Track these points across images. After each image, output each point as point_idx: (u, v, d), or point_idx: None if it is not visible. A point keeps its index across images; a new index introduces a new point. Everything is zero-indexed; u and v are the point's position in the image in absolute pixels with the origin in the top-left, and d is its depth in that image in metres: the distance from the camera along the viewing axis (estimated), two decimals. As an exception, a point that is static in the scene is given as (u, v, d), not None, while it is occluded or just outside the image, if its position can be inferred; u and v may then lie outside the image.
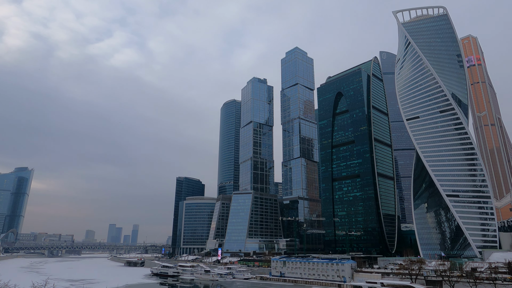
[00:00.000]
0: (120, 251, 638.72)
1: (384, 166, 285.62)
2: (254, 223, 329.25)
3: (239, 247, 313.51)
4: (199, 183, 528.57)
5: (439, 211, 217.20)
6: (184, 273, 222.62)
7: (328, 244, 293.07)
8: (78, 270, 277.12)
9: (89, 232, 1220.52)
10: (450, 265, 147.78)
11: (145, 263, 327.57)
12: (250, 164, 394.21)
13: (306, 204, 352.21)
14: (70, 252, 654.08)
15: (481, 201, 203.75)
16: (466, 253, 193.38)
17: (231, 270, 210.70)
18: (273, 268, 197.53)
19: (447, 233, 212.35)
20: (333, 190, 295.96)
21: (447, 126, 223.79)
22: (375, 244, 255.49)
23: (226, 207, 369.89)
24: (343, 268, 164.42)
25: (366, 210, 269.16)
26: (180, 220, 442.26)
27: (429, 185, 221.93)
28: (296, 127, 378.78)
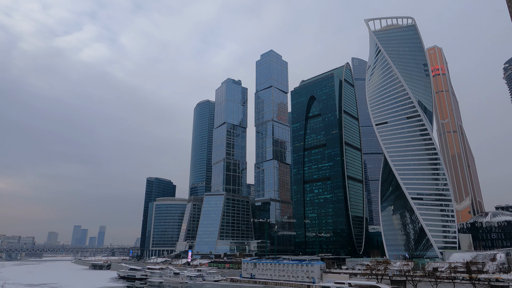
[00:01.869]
0: (85, 253, 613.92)
1: (353, 169, 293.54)
2: (226, 225, 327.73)
3: (210, 249, 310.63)
4: (170, 184, 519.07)
5: (404, 213, 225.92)
6: (152, 275, 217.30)
7: (299, 245, 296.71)
8: (39, 274, 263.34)
9: (51, 234, 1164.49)
10: (413, 265, 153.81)
11: (112, 266, 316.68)
12: (223, 166, 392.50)
13: (278, 206, 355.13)
14: (31, 255, 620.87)
15: (443, 204, 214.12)
16: (429, 254, 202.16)
17: (201, 272, 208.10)
18: (244, 270, 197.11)
19: (411, 235, 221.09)
20: (305, 192, 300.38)
21: (413, 132, 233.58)
22: (344, 246, 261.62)
23: (198, 208, 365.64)
24: (312, 269, 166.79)
25: (335, 212, 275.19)
26: (149, 221, 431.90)
27: (396, 188, 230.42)
28: (269, 129, 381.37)
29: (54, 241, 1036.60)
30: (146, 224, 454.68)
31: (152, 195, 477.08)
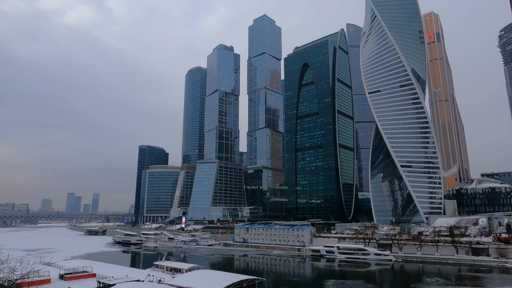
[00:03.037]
0: (80, 220, 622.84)
1: (345, 137, 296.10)
2: (219, 192, 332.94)
3: (203, 215, 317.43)
4: (163, 152, 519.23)
5: (393, 180, 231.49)
6: (147, 241, 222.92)
7: (290, 211, 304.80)
8: (35, 239, 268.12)
9: (45, 201, 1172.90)
10: (400, 230, 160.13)
11: (107, 231, 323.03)
12: (215, 134, 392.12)
13: (270, 174, 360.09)
14: (26, 222, 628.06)
15: (431, 172, 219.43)
16: (415, 219, 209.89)
17: (195, 237, 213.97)
18: (237, 234, 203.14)
19: (399, 201, 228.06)
20: (296, 160, 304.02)
21: (405, 100, 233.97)
22: (334, 211, 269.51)
23: (191, 176, 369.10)
24: (302, 234, 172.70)
25: (326, 180, 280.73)
26: (143, 188, 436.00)
27: (386, 156, 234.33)
28: (262, 97, 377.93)
29: (48, 208, 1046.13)
30: (139, 191, 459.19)
31: (144, 163, 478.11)
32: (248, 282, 56.85)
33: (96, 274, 71.26)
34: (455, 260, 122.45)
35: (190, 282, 54.54)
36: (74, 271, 73.72)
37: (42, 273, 66.07)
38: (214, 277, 57.61)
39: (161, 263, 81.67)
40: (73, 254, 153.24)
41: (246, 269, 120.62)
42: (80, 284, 60.54)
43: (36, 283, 58.84)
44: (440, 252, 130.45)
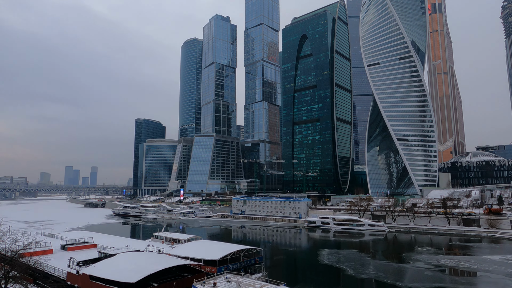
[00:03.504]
0: (79, 193, 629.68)
1: (343, 111, 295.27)
2: (216, 165, 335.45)
3: (201, 187, 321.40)
4: (160, 125, 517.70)
5: (389, 153, 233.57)
6: (146, 213, 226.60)
7: (287, 184, 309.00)
8: (35, 212, 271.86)
9: (44, 174, 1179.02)
10: (394, 202, 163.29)
11: (106, 204, 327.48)
12: (212, 107, 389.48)
13: (267, 147, 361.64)
14: (25, 195, 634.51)
15: (427, 145, 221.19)
16: (409, 191, 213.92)
17: (193, 209, 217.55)
18: (234, 206, 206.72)
19: (394, 174, 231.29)
20: (294, 134, 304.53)
21: (404, 73, 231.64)
22: (330, 184, 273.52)
23: (188, 149, 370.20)
24: (299, 206, 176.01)
25: (323, 153, 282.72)
26: (140, 162, 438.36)
27: (383, 129, 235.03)
28: (259, 69, 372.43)
29: (46, 182, 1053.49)
30: (137, 164, 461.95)
31: (142, 136, 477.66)
32: (246, 252, 58.46)
33: (97, 245, 72.95)
34: (447, 231, 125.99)
35: (189, 251, 56.04)
36: (76, 241, 75.37)
37: (44, 243, 67.47)
38: (213, 247, 59.13)
39: (160, 234, 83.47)
40: (73, 226, 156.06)
41: (243, 240, 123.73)
42: (82, 254, 62.07)
43: (38, 253, 60.21)
44: (432, 223, 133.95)
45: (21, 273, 32.92)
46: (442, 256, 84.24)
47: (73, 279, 47.70)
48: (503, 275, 65.41)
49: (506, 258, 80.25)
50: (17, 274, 32.13)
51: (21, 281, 32.31)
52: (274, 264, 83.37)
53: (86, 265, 50.47)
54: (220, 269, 50.35)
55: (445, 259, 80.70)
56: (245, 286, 35.52)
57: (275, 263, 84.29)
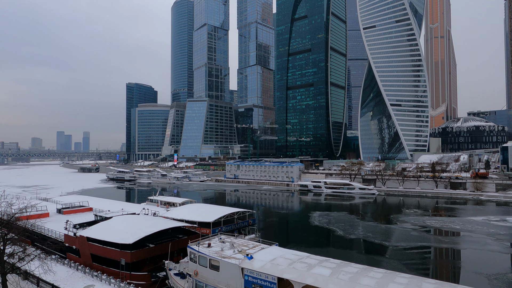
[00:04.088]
0: (72, 158, 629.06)
1: (337, 75, 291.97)
2: (209, 130, 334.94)
3: (194, 152, 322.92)
4: (151, 90, 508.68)
5: (382, 119, 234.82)
6: (140, 177, 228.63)
7: (280, 149, 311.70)
8: (29, 177, 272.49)
9: (35, 139, 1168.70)
10: (384, 166, 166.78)
11: (100, 169, 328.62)
12: (205, 71, 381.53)
13: (261, 112, 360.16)
14: (18, 160, 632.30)
15: (419, 110, 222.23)
16: (400, 156, 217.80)
17: (187, 173, 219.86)
18: (228, 171, 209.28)
19: (386, 139, 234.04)
20: (287, 99, 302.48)
21: (400, 37, 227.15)
22: (322, 149, 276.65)
23: (181, 114, 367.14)
24: (292, 170, 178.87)
25: (316, 118, 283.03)
26: (133, 127, 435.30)
27: (376, 94, 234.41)
28: (253, 32, 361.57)
29: (38, 147, 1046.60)
30: (130, 129, 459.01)
31: (133, 101, 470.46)
32: (239, 214, 60.00)
33: (92, 208, 73.99)
34: (434, 194, 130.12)
35: (184, 214, 57.29)
36: (71, 205, 76.27)
37: (40, 207, 68.19)
38: (207, 210, 60.47)
39: (155, 198, 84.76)
40: (68, 190, 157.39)
41: (237, 203, 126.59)
42: (78, 217, 63.12)
43: (34, 216, 61.04)
44: (420, 187, 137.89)
45: (19, 235, 33.48)
46: (428, 218, 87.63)
47: (70, 241, 48.84)
48: (484, 235, 68.63)
49: (489, 219, 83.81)
50: (14, 237, 32.69)
51: (20, 243, 32.94)
52: (267, 226, 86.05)
53: (83, 227, 51.49)
54: (214, 231, 51.86)
55: (431, 220, 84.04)
56: (238, 246, 36.79)
57: (267, 225, 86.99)
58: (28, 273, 33.00)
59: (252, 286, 30.40)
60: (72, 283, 36.98)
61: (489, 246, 61.07)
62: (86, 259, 45.48)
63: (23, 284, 33.83)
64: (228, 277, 31.97)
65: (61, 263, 43.92)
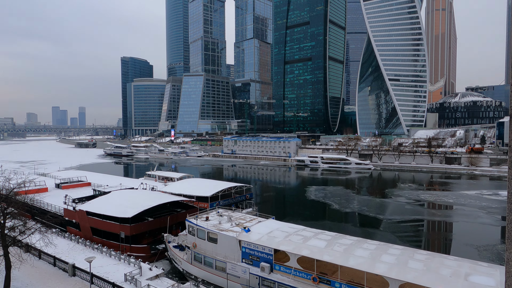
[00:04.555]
0: (68, 133, 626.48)
1: (336, 49, 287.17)
2: (206, 105, 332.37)
3: (191, 128, 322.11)
4: (147, 64, 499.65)
5: (380, 94, 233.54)
6: (138, 153, 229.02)
7: (277, 124, 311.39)
8: (26, 152, 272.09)
9: (30, 115, 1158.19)
10: (381, 141, 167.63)
11: (97, 144, 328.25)
12: (201, 44, 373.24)
13: (258, 87, 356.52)
14: (13, 135, 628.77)
15: (418, 85, 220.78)
16: (397, 131, 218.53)
17: (185, 149, 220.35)
18: (225, 146, 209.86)
19: (384, 114, 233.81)
20: (285, 73, 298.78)
21: (401, 9, 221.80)
22: (320, 124, 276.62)
23: (177, 89, 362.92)
24: (289, 146, 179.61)
25: (314, 93, 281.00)
26: (129, 102, 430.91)
27: (375, 69, 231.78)
28: (250, 4, 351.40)
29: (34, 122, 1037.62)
30: (126, 105, 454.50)
31: (128, 75, 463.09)
32: (236, 189, 60.75)
33: (91, 183, 74.58)
34: (429, 168, 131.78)
35: (182, 189, 57.94)
36: (70, 180, 76.78)
37: (38, 182, 68.62)
38: (204, 184, 61.10)
39: (153, 173, 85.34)
40: (66, 165, 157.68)
41: (234, 178, 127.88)
42: (77, 192, 63.69)
43: (33, 191, 61.48)
44: (416, 162, 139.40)
45: (18, 209, 33.81)
46: (422, 192, 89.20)
47: (70, 215, 49.52)
48: (476, 208, 70.21)
49: (481, 193, 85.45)
50: (14, 211, 33.02)
51: (20, 217, 33.34)
52: (264, 200, 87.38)
53: (82, 202, 52.09)
54: (212, 205, 52.66)
55: (425, 194, 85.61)
56: (236, 219, 37.50)
57: (264, 199, 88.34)
58: (29, 246, 33.71)
59: (249, 257, 31.24)
60: (73, 255, 37.83)
61: (481, 219, 62.64)
62: (86, 232, 46.32)
63: (25, 256, 34.55)
64: (226, 249, 32.78)
65: (62, 236, 44.74)
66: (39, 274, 34.16)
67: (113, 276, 32.16)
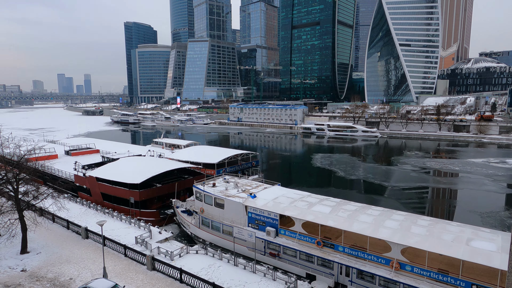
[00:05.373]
0: (75, 101, 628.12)
1: (345, 13, 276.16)
2: (212, 72, 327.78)
3: (197, 95, 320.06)
4: (151, 29, 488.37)
5: (390, 60, 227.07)
6: (144, 120, 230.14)
7: (284, 91, 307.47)
8: (34, 120, 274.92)
9: (37, 82, 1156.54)
10: (389, 109, 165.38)
11: (104, 112, 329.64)
12: (206, 8, 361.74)
13: (264, 53, 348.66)
14: (21, 103, 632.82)
15: (429, 51, 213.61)
16: (405, 98, 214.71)
17: (191, 116, 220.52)
18: (231, 114, 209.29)
19: (393, 81, 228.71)
20: (292, 39, 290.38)
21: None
22: (327, 91, 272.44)
23: (182, 55, 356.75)
24: (295, 113, 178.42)
25: (322, 59, 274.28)
26: (134, 69, 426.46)
27: (386, 34, 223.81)
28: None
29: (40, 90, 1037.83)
30: (131, 72, 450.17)
31: (132, 41, 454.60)
32: (243, 156, 61.24)
33: (99, 150, 75.71)
34: (437, 136, 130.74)
35: (189, 156, 58.57)
36: (79, 147, 77.99)
37: (48, 149, 69.87)
38: (211, 152, 61.62)
39: (160, 140, 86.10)
40: (74, 133, 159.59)
41: (240, 145, 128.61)
42: (86, 159, 64.81)
43: (43, 158, 62.82)
44: (424, 129, 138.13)
45: (30, 175, 34.73)
46: (428, 160, 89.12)
47: (81, 180, 50.77)
48: (482, 176, 70.27)
49: (488, 161, 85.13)
50: (26, 176, 33.93)
51: (32, 183, 34.33)
52: (270, 167, 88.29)
53: (91, 168, 53.15)
54: (218, 172, 53.41)
55: (431, 162, 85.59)
56: (242, 186, 38.14)
57: (270, 166, 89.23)
58: (43, 210, 34.93)
59: (255, 222, 32.08)
60: (85, 219, 39.23)
61: (486, 187, 62.87)
62: (97, 197, 47.69)
63: (40, 220, 35.96)
64: (232, 214, 33.64)
65: (74, 201, 46.18)
66: (54, 236, 35.67)
67: (124, 239, 33.47)
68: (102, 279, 24.67)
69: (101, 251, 30.79)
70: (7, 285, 26.27)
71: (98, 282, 23.77)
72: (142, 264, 29.43)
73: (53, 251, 32.18)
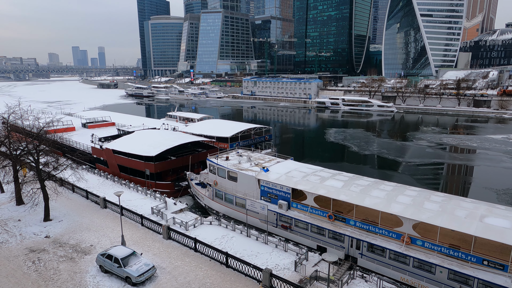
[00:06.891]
0: (90, 74, 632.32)
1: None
2: (225, 44, 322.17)
3: (211, 68, 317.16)
4: (163, 0, 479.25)
5: (410, 31, 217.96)
6: (158, 93, 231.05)
7: (298, 65, 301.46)
8: (52, 92, 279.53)
9: (52, 55, 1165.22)
10: (407, 83, 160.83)
11: (119, 85, 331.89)
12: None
13: (279, 25, 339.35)
14: (38, 76, 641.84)
15: (452, 21, 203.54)
16: (424, 72, 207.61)
17: (204, 90, 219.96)
18: (245, 87, 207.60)
19: (412, 53, 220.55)
20: (308, 9, 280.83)
21: None
22: (343, 65, 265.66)
23: (195, 27, 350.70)
24: (309, 87, 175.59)
25: (338, 31, 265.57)
26: (147, 41, 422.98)
27: (406, 3, 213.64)
28: None
29: (56, 62, 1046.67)
30: (144, 44, 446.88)
31: (145, 12, 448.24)
32: (256, 130, 61.33)
33: (115, 123, 77.07)
34: (455, 112, 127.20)
35: (202, 129, 59.04)
36: (95, 120, 79.61)
37: (66, 122, 71.52)
38: (224, 125, 61.90)
39: (174, 114, 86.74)
40: (90, 106, 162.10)
41: (254, 119, 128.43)
42: (102, 131, 66.18)
43: (61, 130, 64.35)
44: (442, 104, 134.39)
45: (50, 147, 35.84)
46: (445, 135, 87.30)
47: (98, 152, 52.11)
48: (501, 153, 68.65)
49: (508, 137, 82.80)
50: (46, 148, 35.03)
51: (52, 154, 35.46)
52: (283, 141, 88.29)
53: (108, 141, 54.31)
54: (232, 145, 53.81)
55: (448, 138, 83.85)
56: (255, 160, 38.45)
57: (284, 141, 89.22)
58: (63, 180, 36.26)
59: (267, 195, 32.57)
60: (103, 190, 40.60)
61: (504, 164, 61.55)
62: (113, 169, 49.03)
63: (60, 190, 37.41)
64: (245, 187, 34.18)
65: (92, 173, 47.65)
66: (74, 205, 37.19)
67: (141, 209, 34.64)
68: (121, 246, 25.82)
69: (119, 220, 32.03)
70: (32, 250, 27.85)
71: (117, 249, 24.91)
72: (158, 233, 30.55)
73: (74, 219, 33.67)
